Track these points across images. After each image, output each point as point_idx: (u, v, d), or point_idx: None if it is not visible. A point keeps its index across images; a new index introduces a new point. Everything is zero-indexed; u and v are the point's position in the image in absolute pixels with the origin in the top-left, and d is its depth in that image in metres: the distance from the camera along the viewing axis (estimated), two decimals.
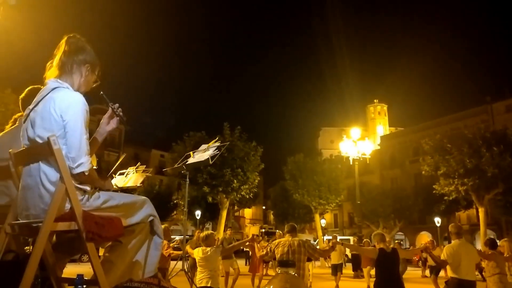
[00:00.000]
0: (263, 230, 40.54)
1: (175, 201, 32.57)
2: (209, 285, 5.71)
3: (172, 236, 12.67)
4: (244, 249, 20.75)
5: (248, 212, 58.43)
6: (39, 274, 2.07)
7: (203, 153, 6.77)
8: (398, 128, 65.08)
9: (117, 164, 5.96)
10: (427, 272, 16.45)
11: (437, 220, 34.04)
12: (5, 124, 3.19)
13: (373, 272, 8.45)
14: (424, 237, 39.37)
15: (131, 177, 6.82)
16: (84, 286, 1.79)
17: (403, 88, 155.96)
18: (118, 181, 6.75)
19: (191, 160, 6.92)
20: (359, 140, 22.86)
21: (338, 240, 15.24)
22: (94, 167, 2.21)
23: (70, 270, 2.46)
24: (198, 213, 33.15)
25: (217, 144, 6.80)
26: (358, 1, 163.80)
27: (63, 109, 2.00)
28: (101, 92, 2.34)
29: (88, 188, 2.08)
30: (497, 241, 7.93)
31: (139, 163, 7.23)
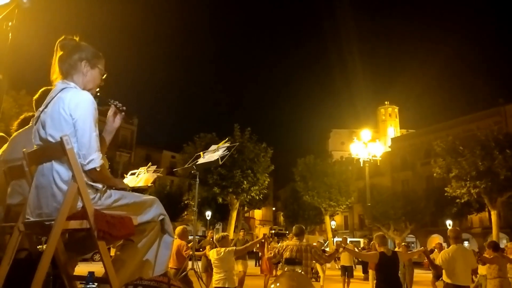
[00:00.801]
0: (273, 231, 40.49)
1: (185, 202, 32.73)
2: (226, 286, 5.82)
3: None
4: (254, 250, 20.77)
5: (258, 213, 58.46)
6: (51, 272, 2.10)
7: (212, 154, 6.79)
8: (409, 130, 64.51)
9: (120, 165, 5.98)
10: None
11: (449, 223, 33.71)
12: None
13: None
14: (436, 240, 38.85)
15: (142, 177, 6.86)
16: (95, 284, 1.81)
17: (414, 90, 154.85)
18: (129, 181, 6.79)
19: (201, 161, 6.95)
20: (369, 142, 22.80)
21: (348, 242, 15.19)
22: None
23: (82, 269, 2.49)
24: (208, 214, 33.26)
25: (227, 144, 6.83)
26: (368, 4, 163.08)
27: (72, 108, 2.02)
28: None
29: (100, 186, 2.10)
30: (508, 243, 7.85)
31: (150, 163, 7.27)
